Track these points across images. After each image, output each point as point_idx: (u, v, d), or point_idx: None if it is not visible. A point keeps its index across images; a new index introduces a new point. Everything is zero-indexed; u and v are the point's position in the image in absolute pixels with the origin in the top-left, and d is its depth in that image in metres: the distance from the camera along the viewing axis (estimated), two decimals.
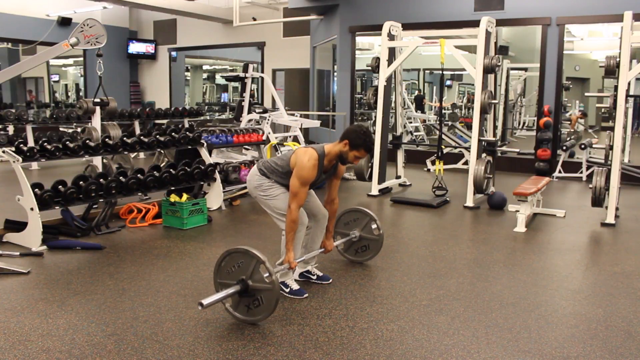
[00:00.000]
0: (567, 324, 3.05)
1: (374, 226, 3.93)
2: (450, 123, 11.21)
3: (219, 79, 19.45)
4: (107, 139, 5.24)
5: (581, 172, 7.91)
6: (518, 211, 5.19)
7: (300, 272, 3.66)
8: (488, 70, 6.21)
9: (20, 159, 4.43)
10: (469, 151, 6.80)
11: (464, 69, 6.64)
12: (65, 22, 12.60)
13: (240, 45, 13.21)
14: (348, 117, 10.19)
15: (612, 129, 5.59)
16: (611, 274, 3.90)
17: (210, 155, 6.05)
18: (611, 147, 5.47)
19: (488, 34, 6.32)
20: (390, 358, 2.63)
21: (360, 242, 4.00)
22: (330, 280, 3.65)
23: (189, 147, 5.74)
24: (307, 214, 3.47)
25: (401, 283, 3.67)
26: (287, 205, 3.28)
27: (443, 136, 7.40)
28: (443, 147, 6.74)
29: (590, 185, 5.38)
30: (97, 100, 5.93)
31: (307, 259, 3.54)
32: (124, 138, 5.30)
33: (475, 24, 6.39)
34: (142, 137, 5.37)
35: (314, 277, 3.63)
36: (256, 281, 2.89)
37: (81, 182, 4.69)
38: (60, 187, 4.58)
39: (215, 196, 5.77)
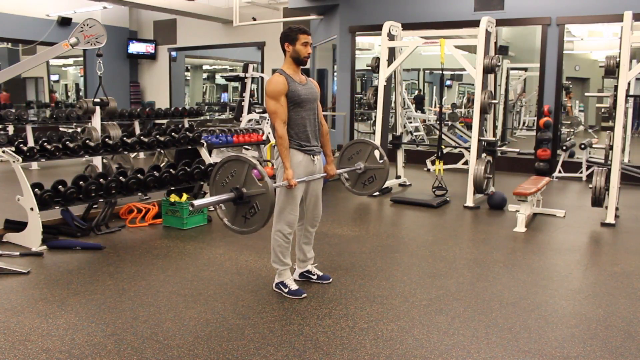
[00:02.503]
0: (567, 324, 3.06)
1: (377, 155, 3.84)
2: (450, 123, 11.21)
3: (219, 79, 19.47)
4: (107, 139, 5.24)
5: (581, 172, 7.91)
6: (518, 211, 5.19)
7: (300, 272, 3.66)
8: (488, 70, 6.21)
9: (20, 159, 4.43)
10: (469, 151, 6.80)
11: (464, 69, 6.64)
12: (65, 22, 12.60)
13: (240, 45, 13.20)
14: (348, 117, 10.19)
15: (612, 129, 5.59)
16: (611, 274, 3.90)
17: (210, 155, 6.05)
18: (611, 147, 5.47)
19: (488, 34, 6.32)
20: (390, 358, 2.63)
21: (365, 174, 3.90)
22: (331, 280, 3.65)
23: (189, 147, 5.74)
24: (302, 210, 3.47)
25: (401, 283, 3.67)
26: (284, 204, 3.29)
27: (443, 136, 7.40)
28: (443, 147, 6.74)
29: (590, 185, 5.38)
30: (97, 100, 5.92)
31: (308, 180, 3.40)
32: (124, 138, 5.30)
33: (475, 24, 6.39)
34: (142, 137, 5.37)
35: (314, 277, 3.63)
36: (250, 187, 2.88)
37: (81, 182, 4.69)
38: (60, 187, 4.58)
39: None
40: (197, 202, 2.80)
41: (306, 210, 3.51)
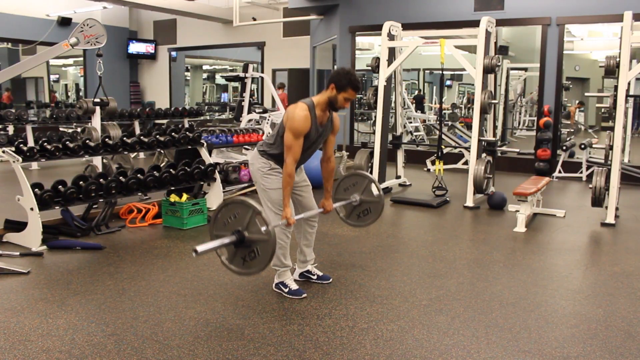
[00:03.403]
0: (567, 324, 3.06)
1: (373, 188, 3.82)
2: (450, 123, 11.21)
3: (219, 79, 19.47)
4: (107, 139, 5.24)
5: (581, 172, 7.90)
6: (518, 211, 5.19)
7: (300, 272, 3.66)
8: (488, 70, 6.21)
9: (20, 159, 4.43)
10: (469, 151, 6.80)
11: (464, 69, 6.64)
12: (65, 22, 12.60)
13: (240, 45, 13.21)
14: (348, 117, 10.19)
15: (612, 129, 5.59)
16: (611, 274, 3.90)
17: (210, 155, 6.05)
18: (611, 147, 5.47)
19: (488, 34, 6.32)
20: (390, 358, 2.63)
21: (361, 206, 3.87)
22: (331, 280, 3.65)
23: (189, 147, 5.74)
24: (299, 209, 3.45)
25: (401, 283, 3.67)
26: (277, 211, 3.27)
27: (443, 136, 7.40)
28: (443, 147, 6.74)
29: (590, 185, 5.38)
30: (97, 100, 5.93)
31: (305, 217, 3.41)
32: (124, 138, 5.30)
33: (475, 24, 6.39)
34: (142, 137, 5.37)
35: (314, 277, 3.63)
36: (252, 232, 2.85)
37: (81, 182, 4.69)
38: (60, 187, 4.58)
39: (215, 196, 5.77)
40: (200, 248, 2.74)
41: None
